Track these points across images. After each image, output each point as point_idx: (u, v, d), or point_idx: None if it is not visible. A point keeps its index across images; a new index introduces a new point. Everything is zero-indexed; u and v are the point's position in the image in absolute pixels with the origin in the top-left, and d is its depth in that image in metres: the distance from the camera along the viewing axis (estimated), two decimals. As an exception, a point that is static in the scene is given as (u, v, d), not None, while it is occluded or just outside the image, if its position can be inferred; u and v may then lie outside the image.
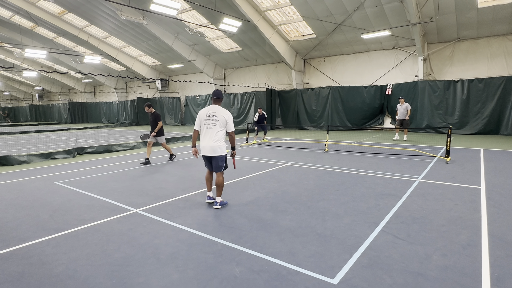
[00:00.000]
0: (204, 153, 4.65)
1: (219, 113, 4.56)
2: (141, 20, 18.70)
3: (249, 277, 2.77)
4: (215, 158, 4.62)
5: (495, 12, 13.54)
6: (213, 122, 4.55)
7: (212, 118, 4.56)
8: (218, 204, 4.63)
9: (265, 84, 23.67)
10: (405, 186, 5.77)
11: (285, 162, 8.48)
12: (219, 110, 4.59)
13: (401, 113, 13.04)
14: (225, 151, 4.64)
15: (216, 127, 4.54)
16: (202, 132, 4.64)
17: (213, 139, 4.53)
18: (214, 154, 4.57)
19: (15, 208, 4.87)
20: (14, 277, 2.84)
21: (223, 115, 4.56)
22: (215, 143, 4.53)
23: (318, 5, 15.32)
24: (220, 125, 4.54)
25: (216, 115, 4.55)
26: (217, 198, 4.66)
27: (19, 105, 51.40)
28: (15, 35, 26.30)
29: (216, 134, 4.53)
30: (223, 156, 4.66)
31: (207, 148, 4.57)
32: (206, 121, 4.59)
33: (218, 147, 4.56)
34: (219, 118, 4.53)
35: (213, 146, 4.53)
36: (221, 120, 4.54)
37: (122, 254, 3.26)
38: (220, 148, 4.58)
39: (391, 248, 3.28)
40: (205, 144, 4.59)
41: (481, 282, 2.65)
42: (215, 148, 4.54)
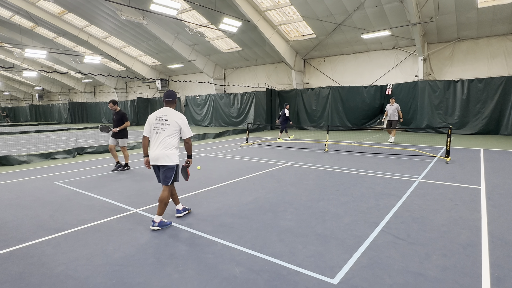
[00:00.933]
0: (152, 162, 3.99)
1: (170, 117, 3.96)
2: (141, 20, 18.70)
3: (249, 277, 2.77)
4: (162, 168, 3.97)
5: (495, 12, 13.54)
6: (163, 127, 3.94)
7: (162, 122, 3.96)
8: (156, 225, 3.88)
9: (265, 84, 23.67)
10: (405, 186, 5.77)
11: (285, 162, 8.48)
12: (171, 113, 4.00)
13: (390, 113, 12.44)
14: (175, 161, 3.97)
15: (166, 132, 3.93)
16: (152, 138, 4.03)
17: (161, 146, 3.91)
18: (160, 163, 3.91)
19: (15, 208, 4.87)
20: (14, 277, 2.84)
21: (175, 119, 3.95)
22: (162, 151, 3.90)
23: (318, 5, 15.32)
24: (171, 131, 3.94)
25: (166, 118, 3.96)
26: (156, 217, 3.92)
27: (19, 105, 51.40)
28: (15, 35, 26.30)
29: (165, 140, 3.91)
30: (172, 166, 3.96)
31: (154, 157, 3.93)
32: (155, 126, 3.99)
33: (166, 156, 3.90)
34: (170, 122, 3.94)
35: (159, 154, 3.90)
36: (172, 124, 3.94)
37: (122, 254, 3.26)
38: (168, 157, 3.91)
39: (391, 248, 3.28)
40: (153, 152, 3.95)
41: (481, 282, 2.65)
42: (161, 156, 3.90)
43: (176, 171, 4.04)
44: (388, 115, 12.53)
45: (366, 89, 18.47)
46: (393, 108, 12.42)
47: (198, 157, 9.68)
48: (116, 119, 7.77)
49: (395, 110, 12.40)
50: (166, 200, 3.96)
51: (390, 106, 12.52)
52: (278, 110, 22.47)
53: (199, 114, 27.17)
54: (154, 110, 30.96)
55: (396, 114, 12.40)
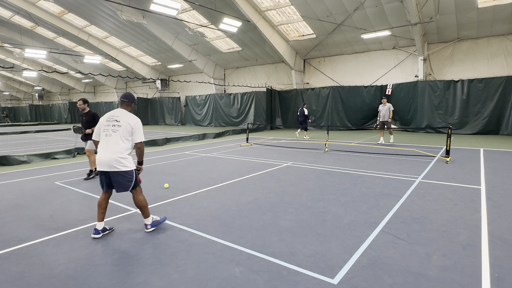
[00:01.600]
0: (100, 168, 3.56)
1: (122, 118, 3.61)
2: (141, 20, 18.70)
3: (249, 277, 2.77)
4: (117, 176, 3.57)
5: (495, 12, 13.55)
6: (114, 129, 3.58)
7: (113, 124, 3.59)
8: (150, 227, 3.78)
9: (265, 84, 23.68)
10: (405, 186, 5.77)
11: (285, 162, 8.48)
12: (124, 115, 3.65)
13: (383, 114, 12.00)
14: (130, 166, 3.62)
15: (117, 135, 3.56)
16: (101, 141, 3.65)
17: (112, 150, 3.52)
18: (113, 170, 3.53)
19: (15, 208, 4.87)
20: (14, 277, 2.84)
21: (128, 121, 3.60)
22: (114, 156, 3.50)
23: (318, 5, 15.32)
24: (122, 133, 3.57)
25: (118, 119, 3.60)
26: (146, 220, 3.79)
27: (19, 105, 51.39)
28: (15, 35, 26.31)
29: (117, 143, 3.55)
30: (128, 172, 3.59)
31: (103, 161, 3.52)
32: (105, 128, 3.61)
33: (119, 161, 3.52)
34: (121, 124, 3.58)
35: (112, 159, 3.50)
36: (124, 126, 3.58)
37: (122, 254, 3.26)
38: (122, 163, 3.54)
39: (391, 248, 3.28)
40: (101, 157, 3.53)
41: (481, 282, 2.65)
42: (114, 162, 3.51)
43: (136, 175, 3.69)
44: (381, 116, 12.10)
45: (366, 89, 18.47)
46: (385, 109, 11.98)
47: (198, 157, 9.68)
48: (86, 121, 6.84)
49: (387, 111, 11.94)
50: (144, 203, 3.76)
51: (382, 107, 12.08)
52: (279, 110, 22.51)
53: (199, 114, 27.18)
54: (154, 110, 31.05)
55: (388, 113, 11.92)
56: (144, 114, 31.33)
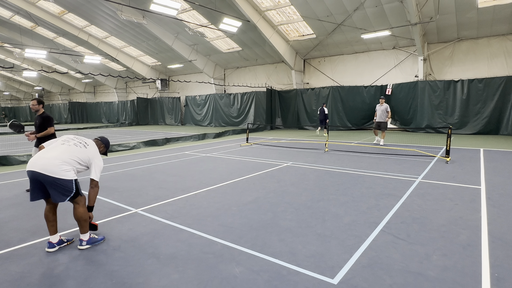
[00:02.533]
0: (30, 167, 3.08)
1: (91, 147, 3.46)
2: (141, 20, 18.70)
3: (249, 277, 2.77)
4: (52, 182, 3.08)
5: (495, 12, 13.55)
6: (78, 145, 3.37)
7: (80, 141, 3.43)
8: (85, 243, 3.34)
9: (265, 84, 23.68)
10: (405, 186, 5.77)
11: (285, 162, 8.48)
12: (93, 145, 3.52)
13: (379, 114, 11.62)
14: (70, 176, 3.17)
15: (71, 149, 3.28)
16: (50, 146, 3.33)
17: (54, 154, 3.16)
18: (48, 173, 3.04)
19: (15, 208, 4.87)
20: (14, 277, 2.84)
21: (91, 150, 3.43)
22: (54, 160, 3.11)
23: (318, 5, 15.32)
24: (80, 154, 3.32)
25: (88, 144, 3.46)
26: (82, 235, 3.36)
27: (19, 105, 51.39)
28: (15, 35, 26.31)
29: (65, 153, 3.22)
30: (65, 181, 3.13)
31: (38, 162, 3.07)
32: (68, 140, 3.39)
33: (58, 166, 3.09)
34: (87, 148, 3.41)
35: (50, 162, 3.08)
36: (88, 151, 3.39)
37: (122, 254, 3.26)
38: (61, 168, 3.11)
39: (391, 248, 3.28)
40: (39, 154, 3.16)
41: (481, 282, 2.65)
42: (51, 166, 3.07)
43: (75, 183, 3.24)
44: (377, 116, 11.73)
45: (366, 89, 18.47)
46: (382, 109, 11.58)
47: (198, 157, 9.68)
48: (38, 124, 5.94)
49: (384, 111, 11.53)
50: (84, 215, 3.32)
51: (379, 107, 11.68)
52: (279, 110, 22.51)
53: (199, 114, 27.18)
54: (154, 110, 31.05)
55: (385, 115, 11.53)
56: (144, 114, 31.34)
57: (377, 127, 11.73)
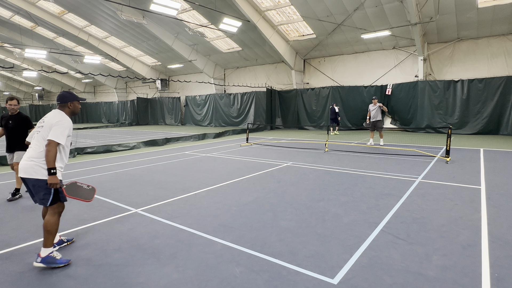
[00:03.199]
0: (20, 173, 3.04)
1: (48, 118, 3.11)
2: (141, 20, 18.70)
3: (249, 277, 2.77)
4: (32, 184, 3.03)
5: (495, 12, 13.55)
6: (38, 129, 3.11)
7: (40, 125, 3.13)
8: (39, 260, 2.96)
9: (265, 84, 23.67)
10: (405, 186, 5.77)
11: (285, 162, 8.48)
12: (51, 114, 3.16)
13: (373, 115, 11.41)
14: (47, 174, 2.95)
15: (39, 136, 3.06)
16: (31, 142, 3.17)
17: (30, 153, 3.03)
18: (28, 176, 2.98)
19: (15, 208, 4.87)
20: (14, 277, 2.84)
21: (51, 119, 3.07)
22: (30, 161, 2.98)
23: (318, 5, 15.32)
24: (43, 134, 3.03)
25: (44, 120, 3.13)
26: (42, 250, 2.99)
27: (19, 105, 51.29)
28: (15, 35, 26.31)
29: (36, 146, 3.03)
30: (43, 181, 2.98)
31: (21, 166, 3.02)
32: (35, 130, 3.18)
33: (35, 165, 2.97)
34: (45, 124, 3.08)
35: (26, 164, 2.99)
36: (46, 125, 3.05)
37: (122, 254, 3.26)
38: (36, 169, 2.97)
39: (391, 248, 3.28)
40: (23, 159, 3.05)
41: (481, 282, 2.65)
42: (28, 166, 2.98)
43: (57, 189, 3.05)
44: (372, 116, 11.47)
45: (366, 89, 18.48)
46: (376, 108, 11.36)
47: (198, 157, 9.68)
48: (13, 126, 5.31)
49: (378, 110, 11.32)
50: (49, 227, 3.00)
51: (372, 107, 11.47)
52: (279, 110, 22.50)
53: (199, 114, 27.18)
54: (154, 110, 31.08)
55: (380, 113, 11.35)
56: (144, 114, 31.34)
57: (373, 127, 11.54)
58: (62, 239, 3.42)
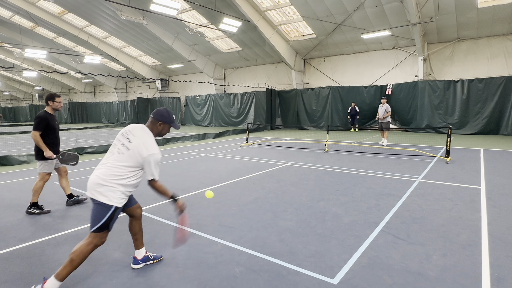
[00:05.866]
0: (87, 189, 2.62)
1: (136, 138, 2.66)
2: (141, 20, 18.70)
3: (249, 277, 2.77)
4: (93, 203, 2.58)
5: (495, 12, 13.55)
6: (120, 149, 2.64)
7: (123, 142, 2.67)
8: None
9: (265, 84, 23.67)
10: (405, 186, 5.77)
11: (285, 162, 8.48)
12: (140, 134, 2.70)
13: (381, 114, 11.61)
14: (111, 199, 2.55)
15: (120, 157, 2.62)
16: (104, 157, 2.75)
17: (103, 172, 2.58)
18: (91, 196, 2.56)
19: (15, 208, 4.87)
20: (14, 277, 2.84)
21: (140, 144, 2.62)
22: (100, 180, 2.54)
23: (318, 5, 15.32)
24: (127, 157, 2.60)
25: (130, 138, 2.66)
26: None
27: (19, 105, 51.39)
28: (15, 35, 26.31)
29: (113, 166, 2.59)
30: (104, 206, 2.54)
31: (89, 182, 2.60)
32: (115, 142, 2.73)
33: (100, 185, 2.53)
34: (131, 146, 2.62)
35: (95, 182, 2.55)
36: (133, 149, 2.60)
37: (122, 254, 3.26)
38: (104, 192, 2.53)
39: (391, 248, 3.28)
40: (91, 176, 2.61)
41: (481, 282, 2.65)
42: (97, 186, 2.54)
43: (110, 217, 2.58)
44: (380, 116, 11.67)
45: (366, 89, 18.48)
46: (383, 109, 11.55)
47: (198, 157, 9.68)
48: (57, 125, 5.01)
49: (385, 112, 11.47)
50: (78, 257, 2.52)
51: (381, 107, 11.68)
52: (279, 110, 22.50)
53: (199, 114, 27.18)
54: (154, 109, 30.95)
55: (385, 115, 11.48)
56: (144, 114, 31.31)
57: (380, 127, 11.71)
58: (149, 255, 3.05)
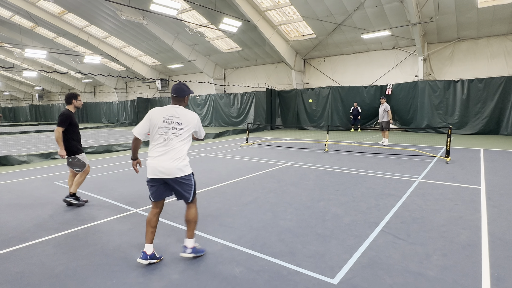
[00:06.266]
0: (157, 175, 2.99)
1: (184, 118, 3.05)
2: (141, 20, 18.70)
3: (249, 277, 2.77)
4: (178, 183, 3.03)
5: (495, 12, 13.54)
6: (175, 132, 3.02)
7: (173, 126, 3.01)
8: (189, 251, 3.11)
9: (265, 84, 23.67)
10: (405, 186, 5.77)
11: (285, 162, 8.48)
12: (184, 113, 3.08)
13: (381, 115, 11.60)
14: (190, 170, 3.12)
15: (179, 138, 3.02)
16: (156, 145, 3.04)
17: (174, 156, 2.99)
18: (176, 176, 2.99)
19: (15, 208, 4.87)
20: (14, 277, 2.84)
21: (189, 120, 3.07)
22: (174, 163, 2.98)
23: (318, 5, 15.32)
24: (186, 136, 3.06)
25: (180, 121, 3.03)
26: (188, 241, 3.13)
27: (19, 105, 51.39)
28: (15, 35, 26.30)
29: (180, 149, 3.02)
30: (190, 176, 3.09)
31: (165, 169, 2.97)
32: (164, 130, 3.01)
33: (179, 168, 3.00)
34: (184, 125, 3.04)
35: (171, 167, 2.97)
36: (187, 128, 3.06)
37: (122, 254, 3.26)
38: (182, 170, 3.02)
39: (391, 248, 3.28)
40: (160, 164, 2.97)
41: (481, 282, 2.65)
42: (178, 168, 2.99)
43: (195, 182, 3.18)
44: (380, 116, 11.72)
45: (366, 89, 18.48)
46: (382, 109, 11.55)
47: (198, 157, 9.67)
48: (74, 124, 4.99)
49: (384, 111, 11.48)
50: (196, 218, 3.19)
51: (381, 107, 11.70)
52: (279, 110, 22.49)
53: (199, 114, 27.17)
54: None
55: (385, 115, 11.46)
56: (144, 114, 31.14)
57: (381, 127, 11.75)
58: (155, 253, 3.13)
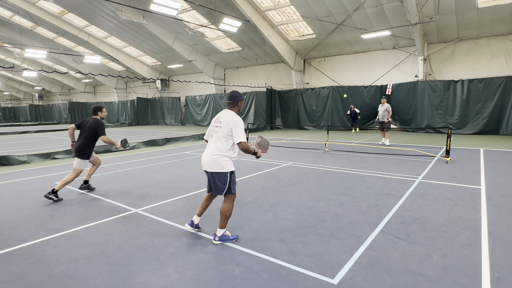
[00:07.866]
0: (202, 166, 3.62)
1: (224, 118, 3.51)
2: (141, 20, 18.70)
3: (249, 277, 2.77)
4: (212, 176, 3.52)
5: (495, 12, 13.55)
6: (216, 129, 3.56)
7: (216, 125, 3.57)
8: (217, 238, 3.51)
9: (265, 84, 23.68)
10: (405, 186, 5.76)
11: (285, 162, 8.48)
12: (226, 115, 3.53)
13: (381, 114, 11.59)
14: (227, 168, 3.46)
15: (218, 135, 3.52)
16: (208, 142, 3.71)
17: (212, 151, 3.50)
18: (210, 170, 3.50)
19: (15, 208, 4.87)
20: (14, 277, 2.84)
21: (227, 120, 3.47)
22: (211, 156, 3.47)
23: (318, 5, 15.32)
24: (222, 133, 3.47)
25: (221, 121, 3.53)
26: (218, 231, 3.53)
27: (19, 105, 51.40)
28: (15, 35, 26.31)
29: (216, 144, 3.50)
30: (223, 174, 3.46)
31: (203, 161, 3.56)
32: (212, 128, 3.63)
33: (213, 162, 3.45)
34: (222, 124, 3.50)
35: (207, 159, 3.50)
36: (224, 127, 3.46)
37: (122, 254, 3.26)
38: (219, 163, 3.44)
39: (391, 248, 3.28)
40: (203, 156, 3.58)
41: (481, 282, 2.65)
42: (211, 162, 3.46)
43: (230, 180, 3.49)
44: (380, 116, 11.68)
45: (366, 89, 18.48)
46: (383, 109, 11.53)
47: (198, 157, 9.68)
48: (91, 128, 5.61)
49: (385, 111, 11.47)
50: (226, 212, 3.50)
51: (381, 106, 11.68)
52: (279, 110, 22.49)
53: (199, 114, 27.17)
54: (154, 110, 31.04)
55: (386, 115, 11.46)
56: (144, 114, 31.33)
57: (381, 127, 11.70)
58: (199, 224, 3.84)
